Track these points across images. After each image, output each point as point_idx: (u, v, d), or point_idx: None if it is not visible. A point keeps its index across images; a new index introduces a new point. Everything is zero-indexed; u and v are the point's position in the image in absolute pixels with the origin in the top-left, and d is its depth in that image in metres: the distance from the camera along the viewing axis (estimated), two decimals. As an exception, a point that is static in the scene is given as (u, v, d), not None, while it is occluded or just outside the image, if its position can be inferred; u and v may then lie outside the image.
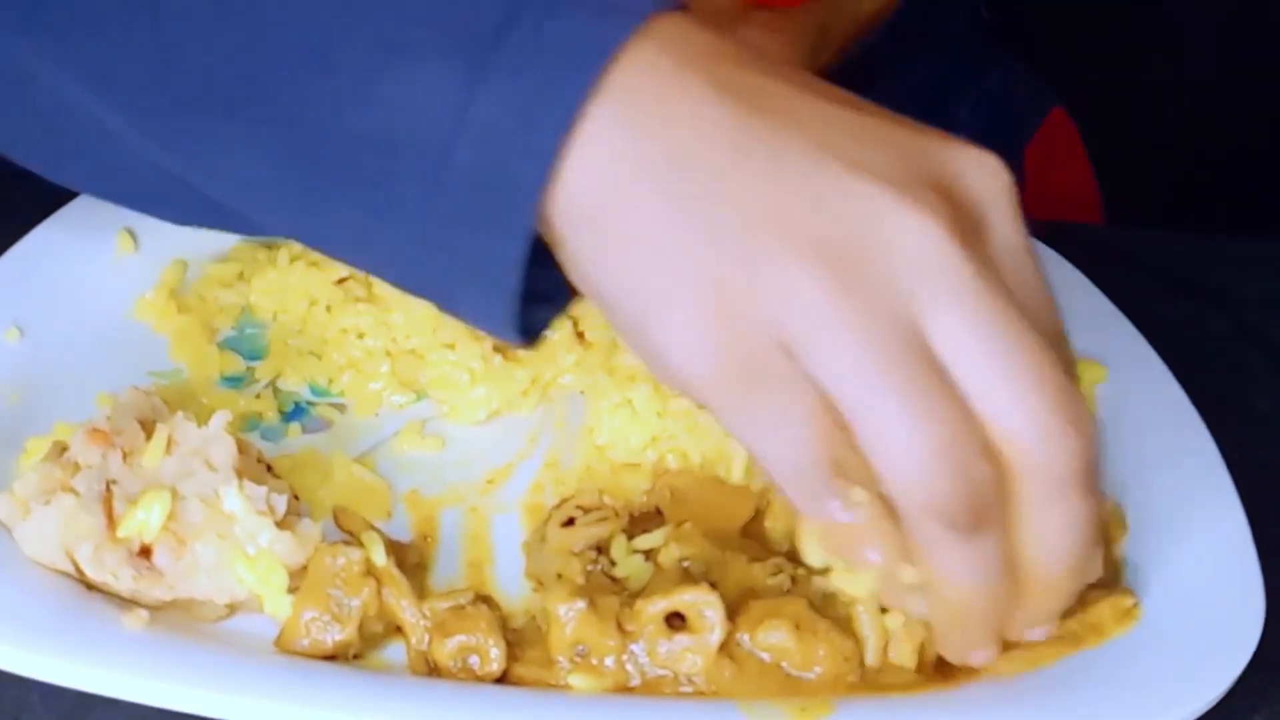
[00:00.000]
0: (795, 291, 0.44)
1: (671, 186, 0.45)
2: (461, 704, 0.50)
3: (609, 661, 0.51)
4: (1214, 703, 0.50)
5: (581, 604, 0.51)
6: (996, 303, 0.45)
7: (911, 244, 0.45)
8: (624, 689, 0.51)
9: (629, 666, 0.51)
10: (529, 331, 0.49)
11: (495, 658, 0.52)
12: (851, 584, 0.50)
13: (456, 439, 0.64)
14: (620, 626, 0.51)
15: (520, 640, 0.53)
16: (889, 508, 0.47)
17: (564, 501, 0.59)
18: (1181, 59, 1.34)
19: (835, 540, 0.49)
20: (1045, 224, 0.75)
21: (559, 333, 0.66)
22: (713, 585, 0.51)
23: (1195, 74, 1.34)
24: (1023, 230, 0.48)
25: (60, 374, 0.63)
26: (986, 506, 0.46)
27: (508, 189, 0.45)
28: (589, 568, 0.56)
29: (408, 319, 0.66)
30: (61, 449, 0.56)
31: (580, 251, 0.47)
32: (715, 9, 0.73)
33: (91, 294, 0.67)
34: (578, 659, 0.51)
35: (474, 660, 0.52)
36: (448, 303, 0.49)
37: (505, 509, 0.61)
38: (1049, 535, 0.47)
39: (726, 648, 0.50)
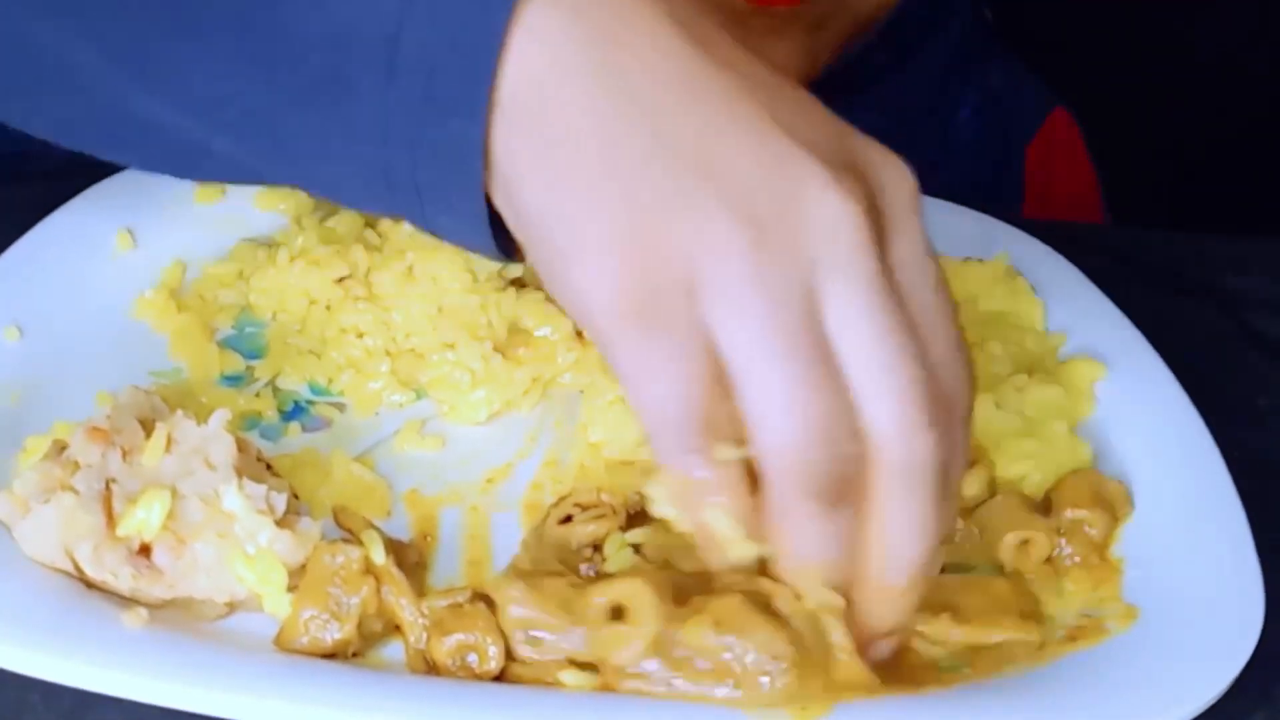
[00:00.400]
0: (713, 236, 0.46)
1: (613, 102, 0.46)
2: (460, 702, 0.50)
3: (561, 639, 0.50)
4: (1214, 702, 0.50)
5: (520, 586, 0.51)
6: (887, 302, 0.47)
7: (828, 219, 0.46)
8: (622, 689, 0.51)
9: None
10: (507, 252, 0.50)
11: (493, 656, 0.52)
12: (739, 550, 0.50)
13: (456, 438, 0.64)
14: (570, 610, 0.51)
15: (519, 639, 0.53)
16: (744, 474, 0.48)
17: (562, 499, 0.59)
18: (1183, 59, 1.34)
19: (684, 495, 0.50)
20: (1045, 224, 0.75)
21: (558, 333, 0.66)
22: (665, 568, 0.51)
23: (1197, 74, 1.34)
24: (924, 236, 0.49)
25: (60, 373, 0.63)
26: (847, 483, 0.48)
27: (461, 66, 0.46)
28: (582, 565, 0.56)
29: (407, 319, 0.66)
30: (61, 447, 0.56)
31: (514, 152, 0.47)
32: (719, 14, 0.73)
33: (91, 294, 0.67)
34: (530, 640, 0.51)
35: (472, 658, 0.52)
36: (415, 211, 0.49)
37: (505, 508, 0.61)
38: (891, 531, 0.48)
39: (664, 650, 0.50)
